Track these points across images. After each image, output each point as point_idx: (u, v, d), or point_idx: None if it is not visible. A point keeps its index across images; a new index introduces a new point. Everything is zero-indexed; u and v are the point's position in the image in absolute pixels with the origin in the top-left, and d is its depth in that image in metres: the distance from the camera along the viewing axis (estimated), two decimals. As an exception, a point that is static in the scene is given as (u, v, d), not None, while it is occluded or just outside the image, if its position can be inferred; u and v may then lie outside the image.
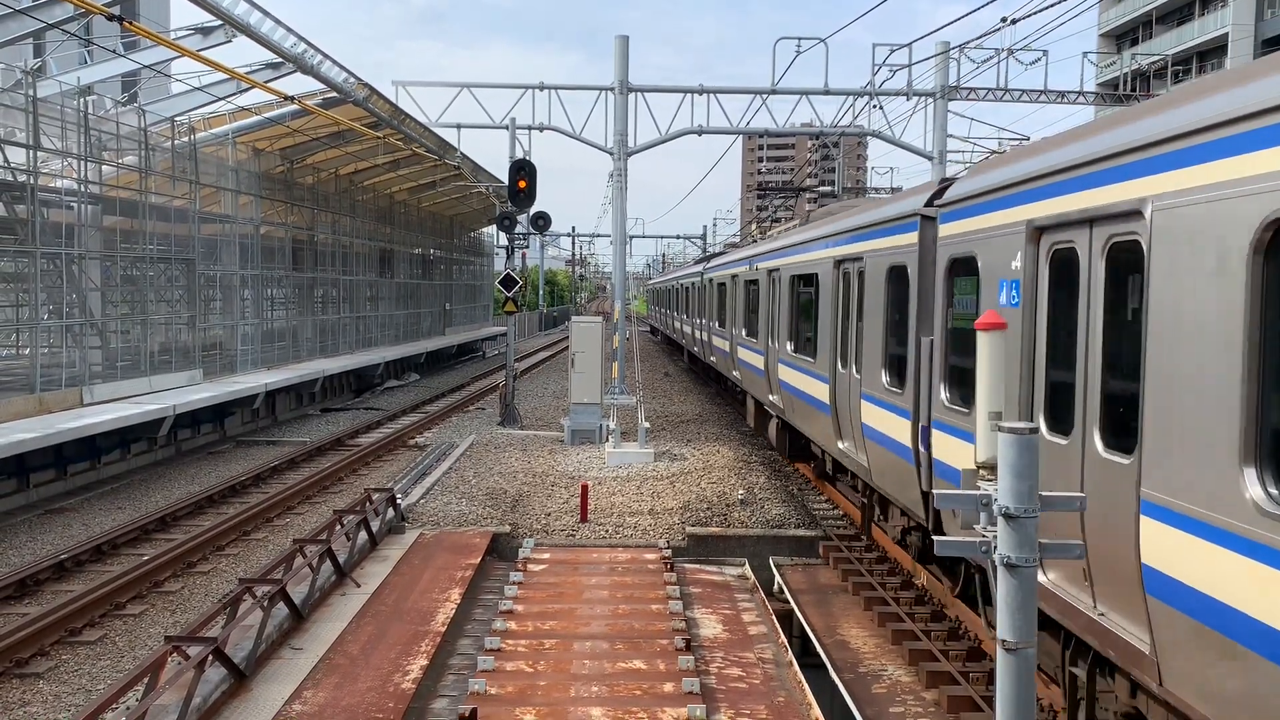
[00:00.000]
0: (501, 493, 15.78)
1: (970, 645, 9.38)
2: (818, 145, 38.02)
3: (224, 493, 17.33)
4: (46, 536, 14.80)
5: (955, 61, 27.70)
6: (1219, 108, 4.73)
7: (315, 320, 33.31)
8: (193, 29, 19.69)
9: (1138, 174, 5.48)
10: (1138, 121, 5.63)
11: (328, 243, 33.81)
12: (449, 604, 10.54)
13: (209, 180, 25.68)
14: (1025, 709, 3.84)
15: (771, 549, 13.30)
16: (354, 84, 21.24)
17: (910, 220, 9.48)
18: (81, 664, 9.93)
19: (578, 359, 20.75)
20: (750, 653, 9.68)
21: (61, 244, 19.73)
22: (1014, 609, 3.82)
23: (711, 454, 19.09)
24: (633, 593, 11.18)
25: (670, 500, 15.24)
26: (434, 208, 46.44)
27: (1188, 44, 55.82)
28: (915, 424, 9.05)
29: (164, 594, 12.17)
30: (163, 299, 24.94)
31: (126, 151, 22.40)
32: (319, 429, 25.92)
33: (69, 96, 19.96)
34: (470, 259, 59.13)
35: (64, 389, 19.32)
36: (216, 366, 25.84)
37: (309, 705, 7.95)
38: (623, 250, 27.55)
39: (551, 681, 8.64)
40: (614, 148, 26.24)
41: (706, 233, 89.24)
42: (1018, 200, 7.10)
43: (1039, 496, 3.80)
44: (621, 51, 25.75)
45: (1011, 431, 3.78)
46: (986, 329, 4.31)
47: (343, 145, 28.93)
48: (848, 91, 27.67)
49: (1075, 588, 6.26)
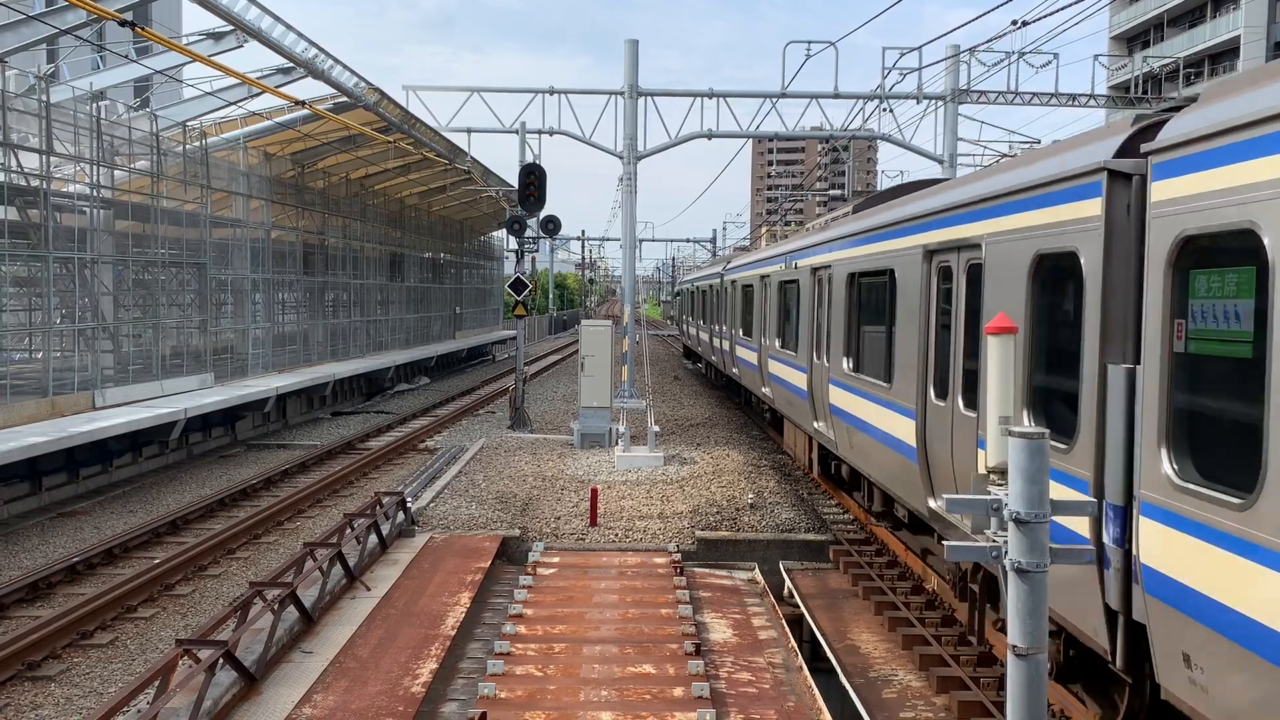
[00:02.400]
0: (511, 496, 15.79)
1: (981, 650, 9.34)
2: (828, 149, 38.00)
3: (235, 496, 17.39)
4: (58, 539, 14.87)
5: (965, 65, 27.67)
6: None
7: (326, 324, 33.40)
8: (204, 34, 19.78)
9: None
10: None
11: (338, 247, 33.92)
12: (459, 608, 10.55)
13: (220, 184, 25.80)
14: (1036, 714, 3.82)
15: (781, 553, 13.27)
16: (364, 88, 21.33)
17: (1087, 180, 6.12)
18: (93, 667, 9.96)
19: (587, 362, 20.75)
20: (760, 657, 9.66)
21: (74, 248, 19.83)
22: (1025, 614, 3.81)
23: (721, 458, 19.07)
24: (642, 597, 11.16)
25: (680, 504, 15.23)
26: (444, 212, 46.56)
27: (1199, 46, 55.59)
28: (1102, 504, 5.92)
29: (175, 597, 12.20)
30: (174, 303, 25.04)
31: (139, 156, 22.52)
32: (329, 432, 25.99)
33: (81, 102, 20.07)
34: (480, 263, 59.24)
35: (76, 392, 19.41)
36: (228, 370, 25.93)
37: (319, 709, 7.96)
38: (633, 254, 27.57)
39: (561, 685, 8.63)
40: (624, 151, 26.27)
41: (716, 236, 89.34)
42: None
43: (1050, 502, 3.78)
44: (631, 56, 25.79)
45: (1022, 436, 3.77)
46: (998, 334, 4.30)
47: (353, 150, 29.03)
48: (858, 95, 27.68)
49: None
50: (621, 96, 26.01)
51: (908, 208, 10.24)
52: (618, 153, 26.48)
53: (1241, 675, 4.64)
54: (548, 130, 27.22)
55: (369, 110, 23.24)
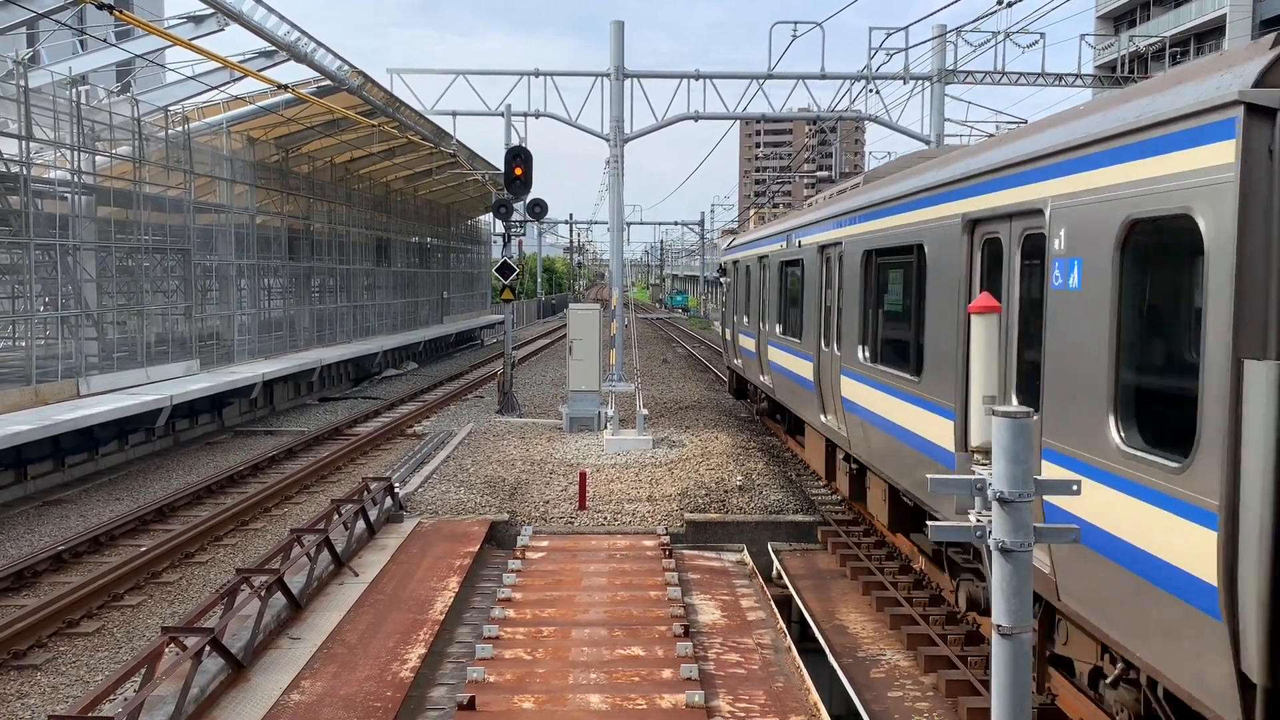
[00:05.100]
0: (500, 480, 15.77)
1: (968, 629, 9.38)
2: (815, 130, 37.92)
3: (222, 483, 17.32)
4: (44, 528, 14.79)
5: (952, 45, 27.60)
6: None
7: (312, 309, 33.26)
8: (185, 17, 19.58)
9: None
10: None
11: (324, 232, 33.74)
12: (447, 592, 10.54)
13: (203, 170, 25.60)
14: (1020, 692, 3.83)
15: (770, 535, 13.30)
16: (348, 71, 21.17)
17: (1210, 118, 4.73)
18: (79, 655, 9.93)
19: (575, 346, 20.71)
20: (749, 638, 9.68)
21: (56, 235, 19.66)
22: (1009, 594, 3.81)
23: (710, 440, 19.08)
24: (631, 579, 11.18)
25: (669, 487, 15.24)
26: (430, 195, 46.35)
27: (1185, 25, 55.60)
28: (1236, 539, 4.53)
29: (162, 585, 12.16)
30: (159, 289, 24.89)
31: (120, 141, 22.31)
32: (317, 418, 25.90)
33: (61, 86, 19.86)
34: (467, 247, 59.04)
35: (60, 380, 19.29)
36: (214, 357, 25.81)
37: (307, 695, 7.95)
38: (620, 237, 27.49)
39: (550, 669, 8.64)
40: (610, 134, 26.15)
41: (705, 219, 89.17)
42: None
43: (1034, 481, 3.78)
44: (617, 37, 25.64)
45: (1006, 416, 3.76)
46: (982, 313, 4.28)
47: (338, 133, 28.83)
48: (844, 75, 27.58)
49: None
50: (608, 78, 25.86)
51: (942, 171, 8.59)
52: (604, 135, 26.34)
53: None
54: (534, 113, 27.03)
55: (353, 94, 23.06)
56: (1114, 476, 5.44)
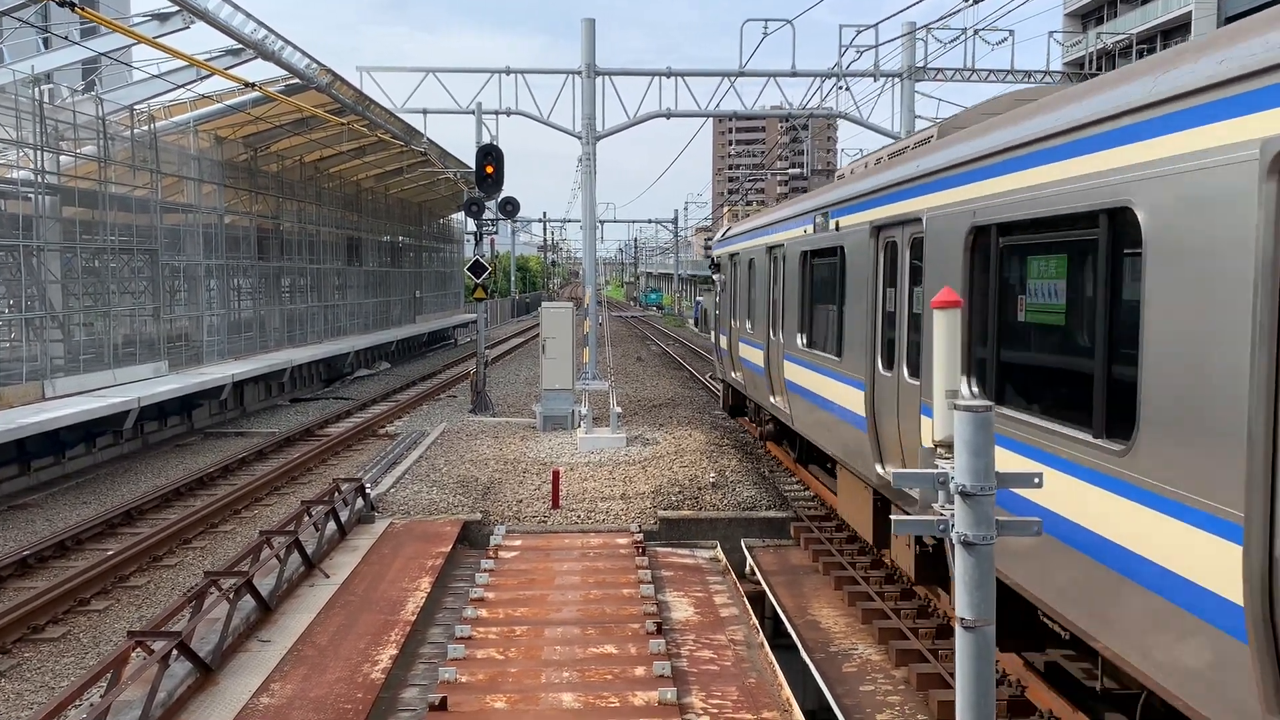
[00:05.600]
0: (473, 480, 15.71)
1: (939, 623, 9.44)
2: (787, 128, 38.02)
3: (191, 485, 17.15)
4: (9, 533, 14.59)
5: (922, 42, 27.76)
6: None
7: (283, 310, 32.98)
8: (150, 15, 19.35)
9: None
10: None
11: (294, 231, 33.46)
12: (419, 593, 10.48)
13: (170, 169, 25.31)
14: (984, 684, 3.85)
15: (743, 531, 13.32)
16: (316, 70, 20.97)
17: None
18: (44, 661, 9.80)
19: (549, 345, 20.66)
20: (722, 635, 9.70)
21: (19, 236, 19.38)
22: (972, 586, 3.83)
23: (683, 438, 19.10)
24: (604, 578, 11.16)
25: (642, 485, 15.24)
26: (402, 194, 46.08)
27: (1152, 22, 56.19)
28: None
29: (129, 589, 12.03)
30: (126, 290, 24.57)
31: (85, 141, 22.02)
32: (288, 419, 25.70)
33: (24, 85, 19.56)
34: (440, 246, 58.74)
35: (25, 383, 19.03)
36: (182, 358, 25.54)
37: (276, 697, 7.88)
38: (593, 235, 27.47)
39: (523, 668, 8.61)
40: (582, 132, 26.12)
41: (678, 216, 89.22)
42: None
43: (995, 474, 3.80)
44: (588, 34, 25.61)
45: (967, 409, 3.78)
46: (943, 308, 4.30)
47: (307, 132, 28.59)
48: (815, 73, 27.70)
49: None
50: (579, 76, 25.83)
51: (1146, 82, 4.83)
52: (576, 133, 26.32)
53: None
54: (505, 111, 27.00)
55: (321, 92, 22.85)
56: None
